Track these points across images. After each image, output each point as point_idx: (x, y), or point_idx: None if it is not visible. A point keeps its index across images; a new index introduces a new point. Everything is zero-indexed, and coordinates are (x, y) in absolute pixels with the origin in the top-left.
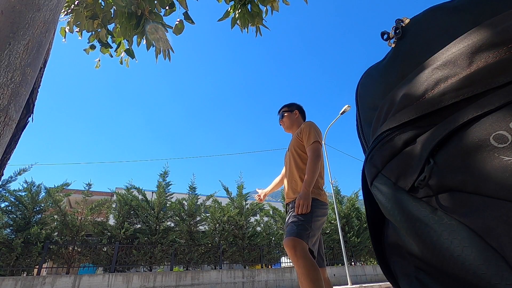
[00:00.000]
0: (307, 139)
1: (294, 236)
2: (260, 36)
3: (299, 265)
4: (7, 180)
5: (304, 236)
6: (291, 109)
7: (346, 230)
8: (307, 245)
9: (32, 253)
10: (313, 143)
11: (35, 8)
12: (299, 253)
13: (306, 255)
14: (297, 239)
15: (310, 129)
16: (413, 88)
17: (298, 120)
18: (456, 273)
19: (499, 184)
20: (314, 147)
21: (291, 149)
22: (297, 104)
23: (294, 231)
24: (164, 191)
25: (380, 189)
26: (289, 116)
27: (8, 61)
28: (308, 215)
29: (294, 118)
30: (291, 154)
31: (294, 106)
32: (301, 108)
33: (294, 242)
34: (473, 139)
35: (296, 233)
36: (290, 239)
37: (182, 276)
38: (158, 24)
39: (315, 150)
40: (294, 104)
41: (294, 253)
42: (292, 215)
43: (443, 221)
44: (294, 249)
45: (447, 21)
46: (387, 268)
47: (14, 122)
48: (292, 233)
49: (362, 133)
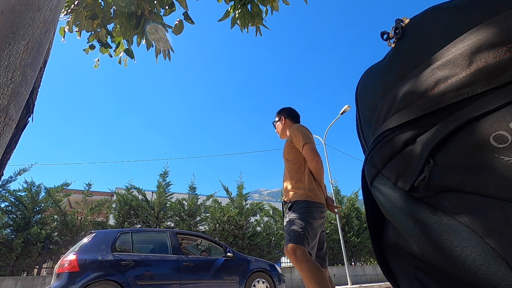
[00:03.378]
0: (299, 143)
1: (292, 243)
2: (260, 36)
3: (302, 270)
4: (7, 180)
5: (301, 241)
6: (279, 117)
7: (346, 230)
8: (306, 248)
9: (32, 253)
10: (305, 145)
11: (35, 8)
12: (300, 257)
13: (307, 258)
14: (296, 245)
15: (298, 132)
16: (413, 88)
17: (288, 124)
18: (456, 273)
19: (499, 184)
20: (307, 148)
21: (284, 155)
22: (284, 110)
23: (291, 237)
24: (164, 191)
25: (380, 189)
26: (279, 125)
27: (8, 61)
28: (304, 219)
29: (283, 125)
30: (284, 159)
31: (282, 113)
32: (289, 111)
33: (293, 248)
34: (473, 139)
35: (294, 239)
36: (289, 246)
37: None
38: (158, 24)
39: (311, 151)
40: (281, 110)
41: (296, 259)
42: (289, 219)
43: (443, 221)
44: (295, 255)
45: (447, 21)
46: (387, 268)
47: (14, 122)
48: (290, 240)
49: (362, 133)
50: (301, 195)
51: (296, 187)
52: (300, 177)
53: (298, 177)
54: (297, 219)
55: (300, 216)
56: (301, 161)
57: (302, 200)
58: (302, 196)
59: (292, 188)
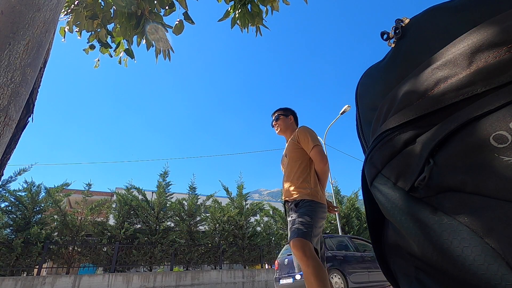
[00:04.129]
0: (307, 144)
1: (301, 237)
2: (260, 36)
3: (308, 265)
4: (7, 180)
5: (309, 237)
6: (286, 113)
7: (346, 230)
8: (312, 245)
9: (32, 253)
10: (315, 147)
11: (35, 8)
12: (309, 253)
13: (314, 255)
14: (305, 240)
15: (306, 134)
16: (413, 88)
17: (292, 126)
18: (456, 273)
19: (499, 185)
20: (317, 150)
21: (289, 154)
22: (292, 110)
23: (300, 232)
24: (164, 191)
25: (380, 190)
26: (284, 120)
27: (8, 61)
28: (312, 217)
29: (289, 123)
30: (289, 159)
31: (289, 112)
32: (296, 114)
33: (302, 243)
34: (473, 139)
35: (302, 234)
36: (298, 239)
37: (182, 276)
38: (158, 24)
39: (319, 153)
40: (289, 109)
41: (304, 254)
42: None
43: (443, 221)
44: (303, 249)
45: (447, 21)
46: (387, 268)
47: (14, 122)
48: (299, 234)
49: (362, 133)
50: (308, 195)
51: (302, 186)
52: (306, 177)
53: (304, 176)
54: (305, 215)
55: (307, 213)
56: (307, 161)
57: (308, 199)
58: (309, 196)
59: (298, 188)
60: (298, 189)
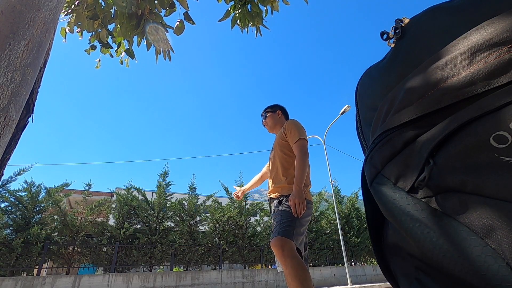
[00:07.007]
0: (291, 137)
1: (281, 236)
2: (260, 36)
3: (286, 265)
4: (7, 180)
5: (290, 235)
6: (274, 109)
7: (346, 230)
8: (294, 244)
9: (32, 253)
10: (298, 141)
11: (35, 8)
12: (287, 252)
13: (294, 254)
14: (285, 238)
15: (293, 127)
16: (413, 88)
17: (281, 120)
18: (456, 273)
19: (499, 185)
20: (299, 144)
21: (275, 149)
22: (279, 105)
23: (281, 231)
24: (164, 191)
25: (380, 190)
26: (272, 116)
27: (8, 61)
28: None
29: (277, 118)
30: (275, 153)
31: (276, 107)
32: (284, 109)
33: (281, 241)
34: (473, 140)
35: (283, 232)
36: (277, 238)
37: (182, 276)
38: (159, 25)
39: (301, 147)
40: (276, 105)
41: (282, 253)
42: (278, 213)
43: (443, 222)
44: (282, 248)
45: (447, 21)
46: (387, 269)
47: (14, 122)
48: (279, 233)
49: (362, 133)
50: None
51: (286, 182)
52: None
53: (289, 172)
54: (288, 213)
55: (291, 211)
56: (293, 156)
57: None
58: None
59: (283, 184)
60: (282, 185)
